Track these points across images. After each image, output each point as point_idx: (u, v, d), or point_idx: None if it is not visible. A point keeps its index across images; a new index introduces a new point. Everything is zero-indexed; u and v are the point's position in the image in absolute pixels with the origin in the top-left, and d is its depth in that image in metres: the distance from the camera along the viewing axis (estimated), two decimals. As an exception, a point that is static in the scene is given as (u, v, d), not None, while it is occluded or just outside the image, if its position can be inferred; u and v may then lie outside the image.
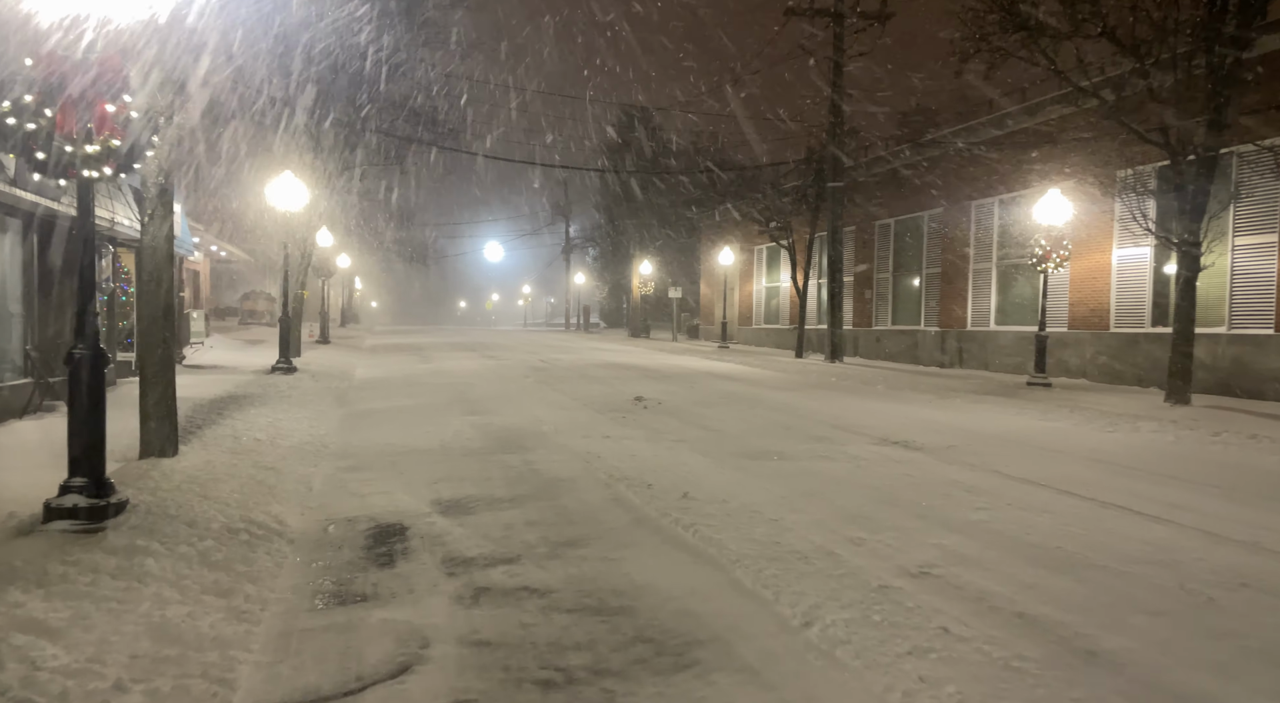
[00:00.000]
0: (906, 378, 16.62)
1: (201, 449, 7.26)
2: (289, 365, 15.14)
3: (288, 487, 6.38)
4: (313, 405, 11.26)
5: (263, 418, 9.53)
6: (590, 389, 13.63)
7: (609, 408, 11.16)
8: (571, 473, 6.99)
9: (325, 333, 26.79)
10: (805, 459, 7.50)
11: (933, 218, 21.36)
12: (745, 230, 31.39)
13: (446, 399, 12.32)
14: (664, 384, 14.66)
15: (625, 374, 16.72)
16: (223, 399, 10.86)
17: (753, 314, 32.01)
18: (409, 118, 19.43)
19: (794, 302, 27.99)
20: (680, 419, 10.15)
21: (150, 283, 6.68)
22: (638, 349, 27.72)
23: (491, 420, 10.09)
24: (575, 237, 54.49)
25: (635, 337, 39.31)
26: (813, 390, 14.14)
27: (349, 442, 8.69)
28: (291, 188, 15.02)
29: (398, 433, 9.20)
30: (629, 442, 8.48)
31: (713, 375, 16.95)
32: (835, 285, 22.06)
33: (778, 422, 10.04)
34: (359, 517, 5.71)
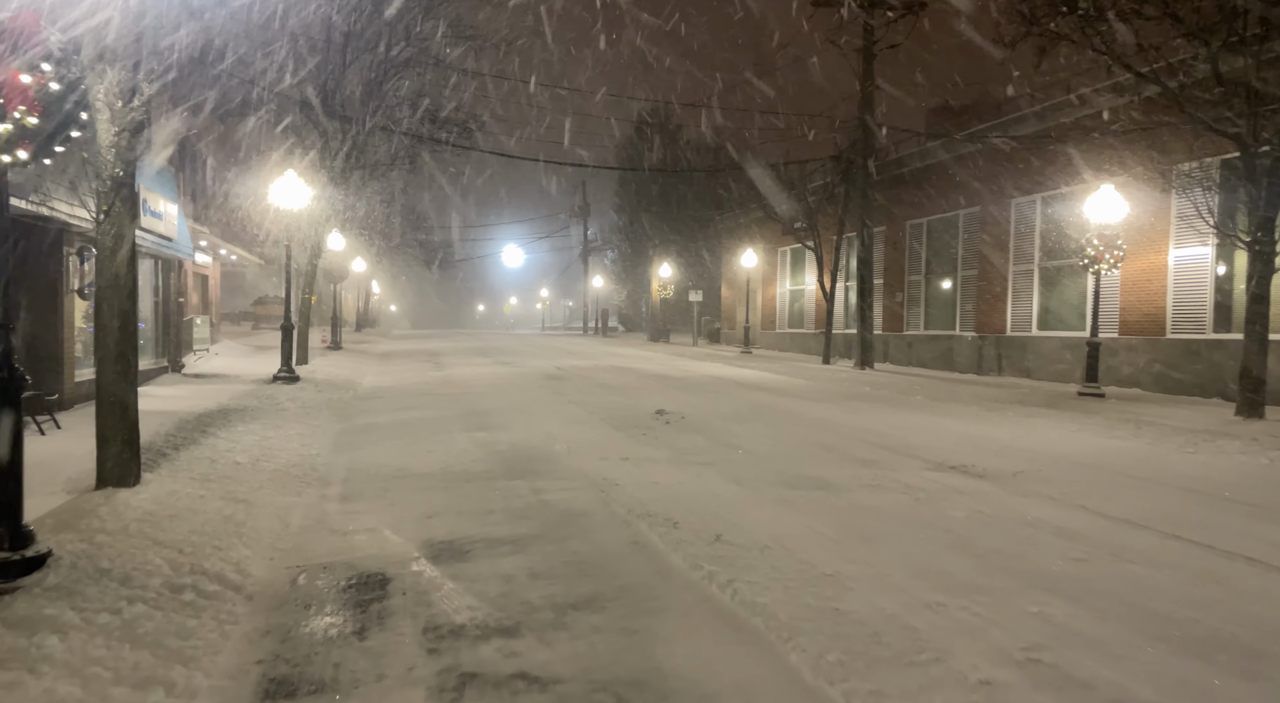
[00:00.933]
0: (945, 387, 15.59)
1: (169, 477, 6.44)
2: (291, 374, 14.38)
3: (260, 524, 5.53)
4: (309, 420, 10.45)
5: (250, 436, 8.72)
6: (608, 400, 12.74)
7: (628, 423, 10.27)
8: (585, 505, 6.10)
9: (337, 338, 26.11)
10: (854, 489, 6.55)
11: (969, 217, 20.30)
12: (768, 232, 30.42)
13: (454, 411, 11.48)
14: (687, 395, 13.74)
15: (645, 383, 15.82)
16: (212, 414, 10.08)
17: (776, 318, 31.00)
18: (422, 116, 18.66)
19: (820, 305, 26.99)
20: (707, 437, 9.23)
21: (109, 289, 5.87)
22: (657, 355, 26.82)
23: (500, 437, 9.22)
24: (593, 239, 53.71)
25: (655, 341, 38.42)
26: (847, 401, 13.16)
27: (341, 464, 7.86)
28: (294, 187, 14.27)
29: (396, 452, 8.36)
30: (651, 465, 7.57)
31: (738, 384, 16.01)
32: (865, 288, 21.06)
33: (816, 440, 9.09)
34: (336, 563, 4.86)
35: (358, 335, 39.32)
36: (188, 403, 11.06)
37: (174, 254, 13.92)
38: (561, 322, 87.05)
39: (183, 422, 9.27)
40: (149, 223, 12.26)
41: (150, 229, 12.38)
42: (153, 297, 14.34)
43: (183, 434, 8.46)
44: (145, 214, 12.04)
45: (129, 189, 5.89)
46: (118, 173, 5.78)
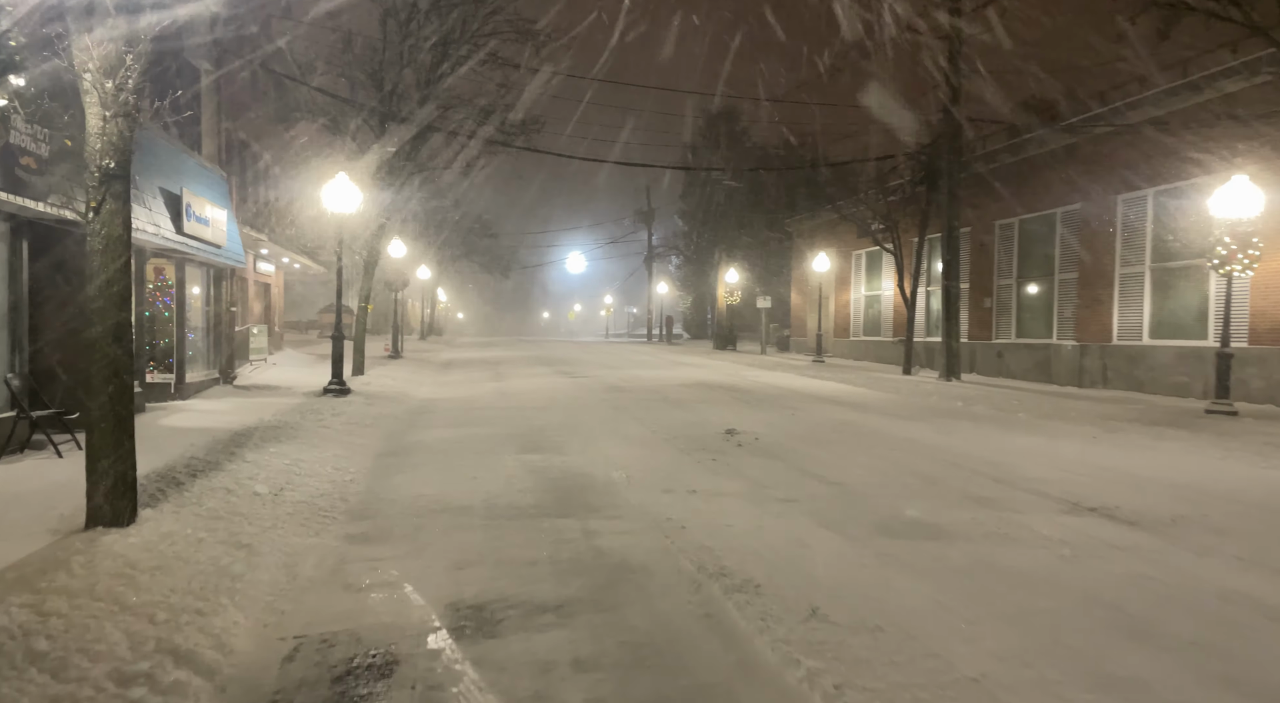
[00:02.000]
0: (1047, 402, 14.05)
1: (172, 514, 5.64)
2: (341, 387, 13.76)
3: (261, 577, 4.66)
4: (351, 438, 9.69)
5: (280, 459, 7.95)
6: (673, 417, 11.69)
7: (696, 445, 9.20)
8: (646, 556, 5.06)
9: (398, 347, 25.72)
10: (975, 540, 5.35)
11: (1068, 215, 18.61)
12: (842, 234, 28.97)
13: (507, 429, 10.60)
14: (759, 410, 12.59)
15: (713, 396, 14.72)
16: (248, 432, 9.40)
17: (850, 325, 29.48)
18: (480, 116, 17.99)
19: (899, 312, 25.44)
20: (786, 464, 8.09)
21: (101, 298, 5.10)
22: (724, 364, 25.66)
23: (553, 462, 8.26)
24: (658, 245, 52.80)
25: (720, 349, 37.21)
26: (940, 419, 11.82)
27: (375, 492, 7.01)
28: (346, 190, 13.66)
29: (438, 478, 7.48)
30: (722, 501, 6.49)
31: (814, 398, 14.77)
32: (950, 293, 19.52)
33: (913, 469, 7.86)
34: (340, 634, 3.94)
35: (421, 344, 39.21)
36: (228, 419, 10.44)
37: (224, 262, 13.46)
38: (625, 328, 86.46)
39: (214, 442, 8.59)
40: (195, 229, 11.76)
41: (196, 235, 11.89)
42: (204, 306, 13.91)
43: (209, 457, 7.74)
44: (190, 219, 11.54)
45: (122, 183, 5.12)
46: (108, 165, 5.01)
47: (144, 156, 10.45)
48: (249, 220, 19.12)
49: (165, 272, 12.70)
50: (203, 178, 12.80)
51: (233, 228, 14.18)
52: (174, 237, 10.99)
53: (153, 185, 10.53)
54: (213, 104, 13.93)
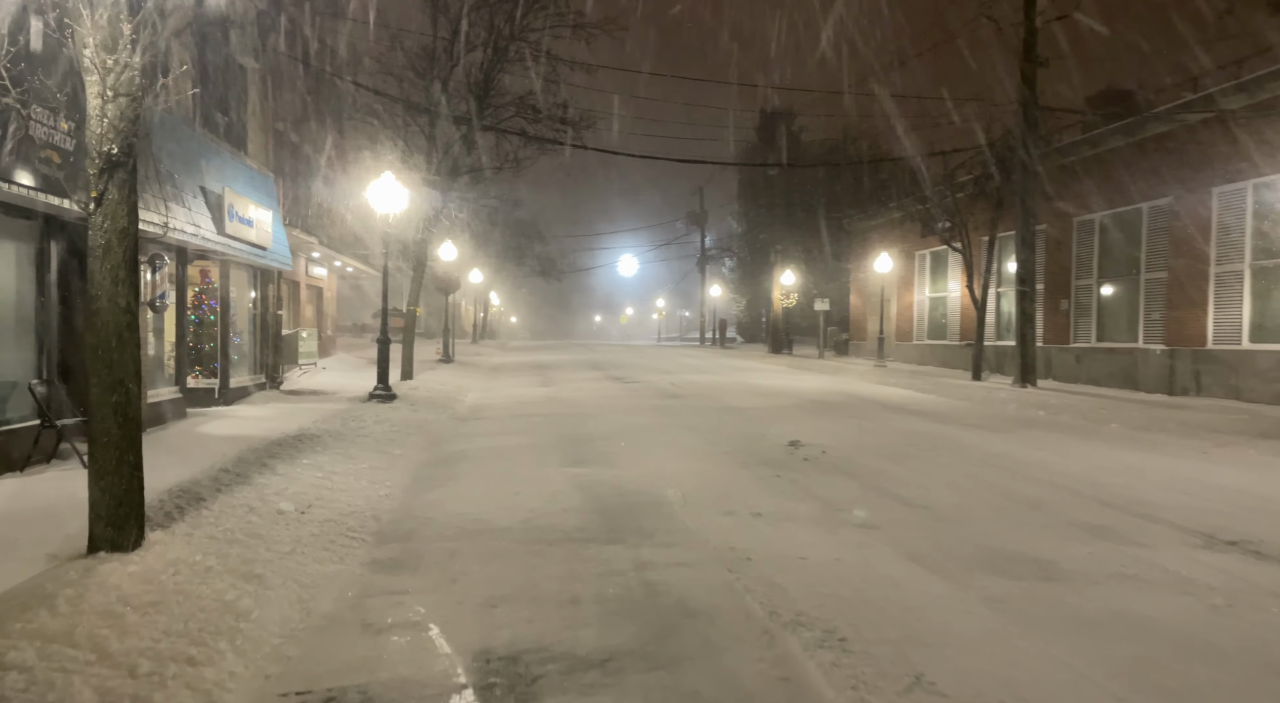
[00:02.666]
0: (1138, 411, 12.92)
1: (185, 536, 5.14)
2: (387, 392, 13.35)
3: (270, 614, 4.10)
4: (392, 447, 9.19)
5: (313, 471, 7.46)
6: (731, 426, 10.95)
7: (757, 458, 8.46)
8: (708, 596, 4.37)
9: (448, 351, 25.45)
10: (1100, 581, 4.52)
11: (1155, 211, 17.30)
12: (905, 234, 27.82)
13: (555, 438, 10.00)
14: (824, 419, 11.77)
15: (773, 403, 13.93)
16: (285, 440, 8.96)
17: (913, 328, 28.28)
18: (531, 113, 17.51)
19: (967, 314, 24.23)
20: (859, 482, 7.30)
21: (104, 299, 4.61)
22: (781, 369, 24.77)
23: (602, 476, 7.61)
24: (711, 247, 51.97)
25: (776, 353, 36.23)
26: (1024, 430, 10.85)
27: (409, 510, 6.45)
28: (392, 189, 13.26)
29: (478, 493, 6.90)
30: (792, 527, 5.75)
31: (882, 406, 13.86)
32: (1026, 294, 18.35)
33: (1008, 490, 7.00)
34: (349, 691, 3.34)
35: (473, 348, 39.09)
36: (266, 426, 10.06)
37: (269, 264, 13.17)
38: (678, 332, 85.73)
39: (248, 451, 8.16)
40: (237, 230, 11.45)
41: (239, 237, 11.58)
42: (249, 309, 13.66)
43: (238, 469, 7.28)
44: (232, 220, 11.23)
45: (127, 172, 4.62)
46: (110, 150, 4.51)
47: (184, 154, 10.15)
48: (300, 223, 18.97)
49: (210, 274, 12.45)
50: (247, 178, 12.53)
51: (279, 229, 13.90)
52: (215, 237, 10.67)
53: (193, 184, 10.23)
54: (260, 103, 13.68)
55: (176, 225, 9.32)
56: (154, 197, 8.84)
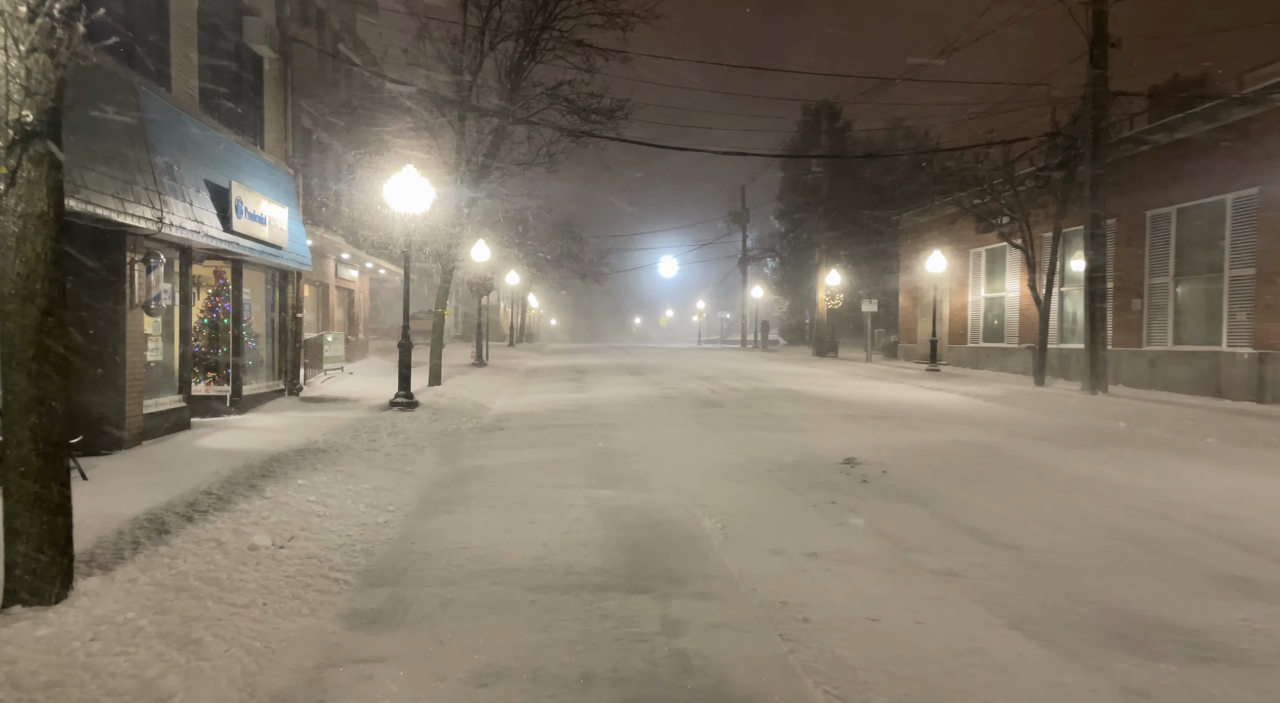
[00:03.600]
0: (1232, 423, 11.58)
1: (125, 583, 4.32)
2: (409, 400, 12.59)
3: (200, 698, 3.24)
4: (403, 463, 8.38)
5: (308, 492, 6.65)
6: (775, 440, 9.94)
7: (808, 480, 7.45)
8: (755, 678, 3.40)
9: (482, 355, 24.76)
10: (1273, 662, 3.45)
11: (1242, 201, 15.83)
12: (958, 231, 26.42)
13: (582, 452, 9.10)
14: (879, 432, 10.69)
15: (821, 412, 12.86)
16: (286, 456, 8.20)
17: (966, 331, 26.86)
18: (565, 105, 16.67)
19: (1026, 316, 22.82)
20: (930, 511, 6.26)
21: (17, 299, 3.81)
22: (828, 372, 23.60)
23: (630, 500, 6.68)
24: (752, 247, 50.75)
25: (821, 356, 34.96)
26: (1109, 447, 9.66)
27: (408, 542, 5.60)
28: (414, 186, 12.51)
29: (488, 521, 6.04)
30: (855, 572, 4.75)
31: (940, 415, 12.71)
32: (1095, 294, 17.00)
33: (1117, 526, 5.89)
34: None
35: (509, 351, 38.48)
36: (272, 438, 9.32)
37: (283, 264, 12.50)
38: (718, 334, 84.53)
39: (241, 468, 7.40)
40: (247, 227, 10.77)
41: (250, 234, 10.90)
42: (266, 313, 13.01)
43: (223, 490, 6.51)
44: (240, 216, 10.55)
45: (45, 143, 3.82)
46: (24, 117, 3.71)
47: (185, 145, 9.48)
48: (327, 223, 18.39)
49: (225, 274, 11.82)
50: (260, 172, 11.87)
51: (297, 228, 13.24)
52: (221, 235, 9.99)
53: (195, 177, 9.55)
54: (278, 95, 13.04)
55: (174, 221, 8.63)
56: (146, 189, 8.15)
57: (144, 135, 8.38)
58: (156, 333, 10.27)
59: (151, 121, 8.63)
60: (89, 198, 7.06)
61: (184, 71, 9.82)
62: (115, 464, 7.60)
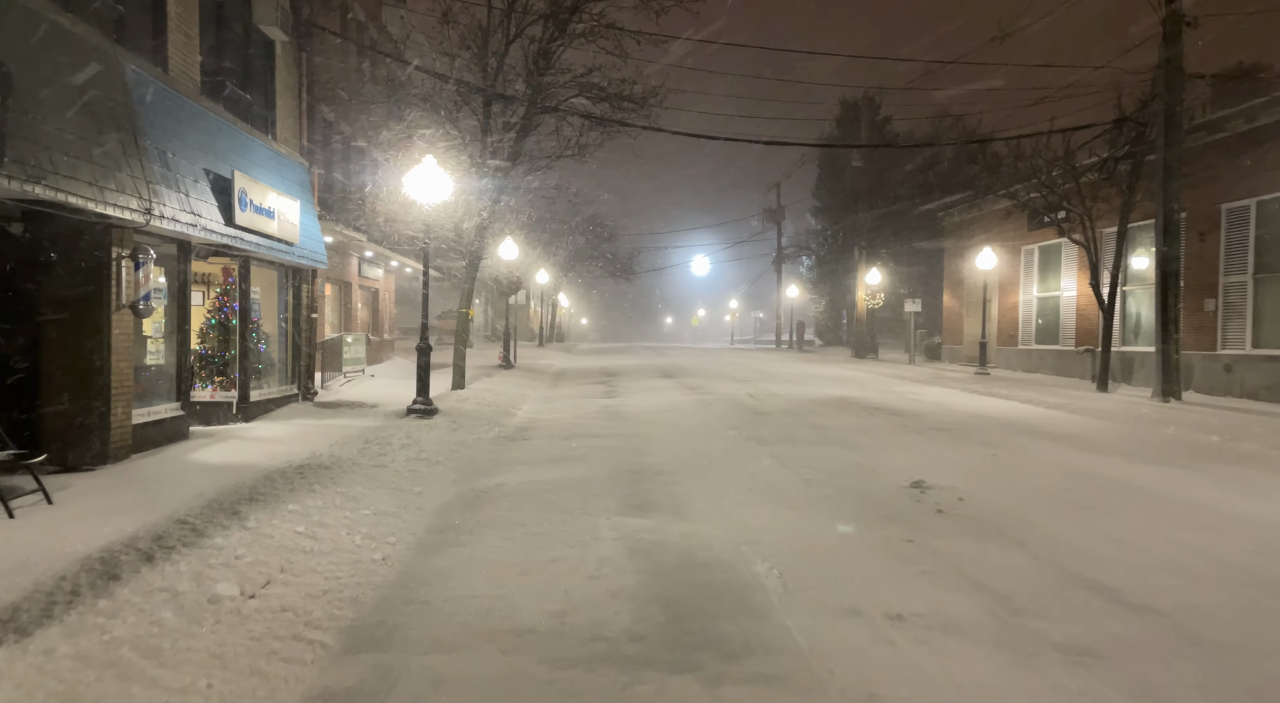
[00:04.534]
0: (1341, 438, 10.31)
1: (41, 653, 3.47)
2: (427, 406, 11.76)
3: None
4: (411, 482, 7.51)
5: (298, 521, 5.80)
6: (829, 456, 8.93)
7: (874, 508, 6.44)
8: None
9: (510, 356, 23.96)
10: None
11: (1336, 190, 14.45)
12: (1008, 227, 25.09)
13: (611, 469, 8.17)
14: (943, 445, 9.63)
15: (873, 422, 11.80)
16: (285, 472, 7.37)
17: (1017, 332, 25.50)
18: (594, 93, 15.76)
19: (1084, 316, 21.50)
20: (1030, 553, 5.23)
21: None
22: (870, 376, 22.44)
23: (668, 533, 5.74)
24: (787, 245, 49.50)
25: (860, 358, 33.71)
26: (1212, 465, 8.51)
27: (405, 588, 4.72)
28: (434, 177, 11.68)
29: (502, 558, 5.17)
30: (957, 648, 3.75)
31: (1006, 426, 11.58)
32: (1168, 292, 15.71)
33: (1268, 577, 4.81)
34: None
35: (538, 351, 37.73)
36: (274, 450, 8.52)
37: (295, 261, 11.73)
38: (752, 334, 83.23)
39: (229, 490, 6.58)
40: (253, 221, 10.00)
41: (256, 229, 10.13)
42: (278, 313, 12.26)
43: (200, 519, 5.67)
44: (246, 209, 9.78)
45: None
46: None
47: (182, 131, 8.71)
48: (348, 219, 17.68)
49: (235, 272, 11.08)
50: (269, 163, 11.11)
51: (311, 223, 12.48)
52: (222, 229, 9.22)
53: (193, 166, 8.77)
54: (291, 81, 12.28)
55: (166, 213, 7.84)
56: (133, 177, 7.37)
57: (132, 118, 7.61)
58: (157, 336, 9.54)
59: (142, 104, 7.86)
60: (59, 185, 6.28)
61: (183, 51, 9.06)
62: (92, 483, 6.82)
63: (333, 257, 18.83)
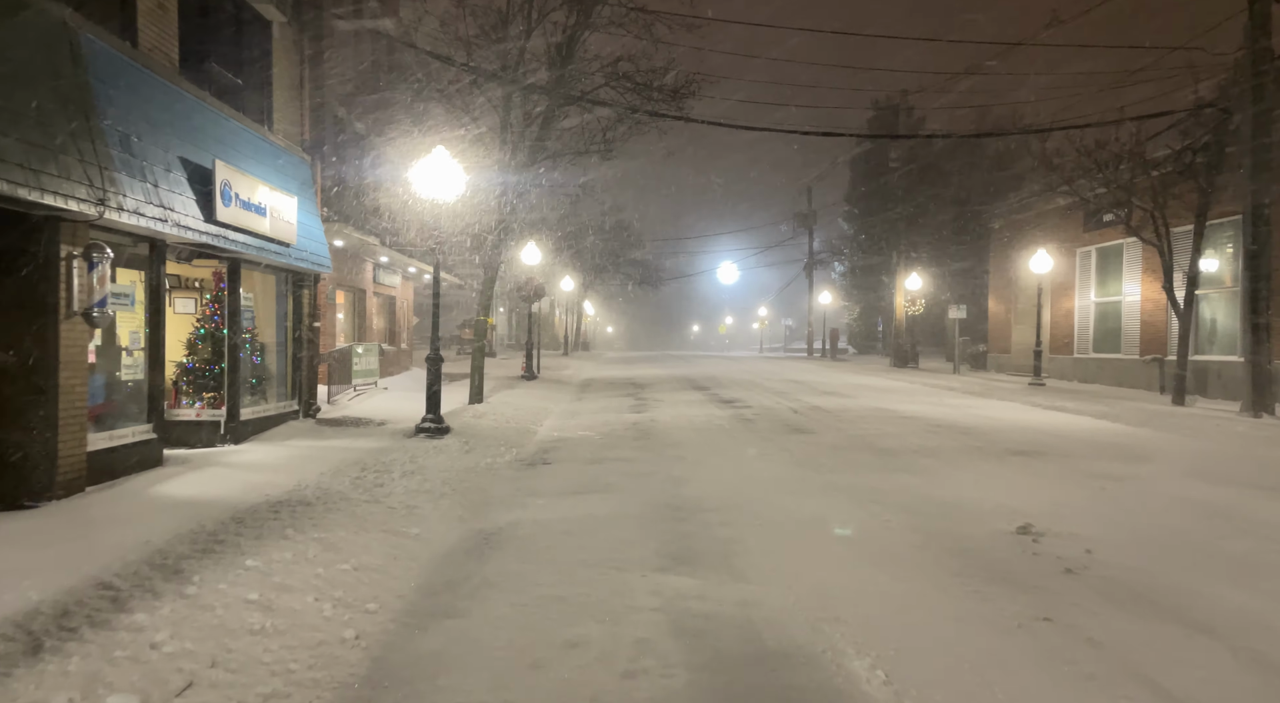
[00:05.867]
0: None
1: None
2: (437, 425, 10.59)
3: None
4: (408, 521, 6.30)
5: (254, 582, 4.59)
6: (902, 488, 7.58)
7: (982, 567, 5.11)
8: None
9: (532, 366, 22.78)
10: None
11: None
12: (1062, 227, 23.57)
13: (644, 503, 6.91)
14: (1036, 475, 8.24)
15: (940, 443, 10.42)
16: (259, 510, 6.19)
17: (1072, 340, 23.89)
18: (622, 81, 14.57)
19: (1149, 323, 19.92)
20: (1221, 640, 3.88)
21: None
22: (916, 386, 20.96)
23: (721, 602, 4.46)
24: (819, 250, 47.98)
25: (900, 366, 32.14)
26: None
27: (378, 683, 3.50)
28: (445, 170, 10.53)
29: (508, 642, 3.94)
30: None
31: (1092, 447, 10.14)
32: (1258, 295, 14.19)
33: None
34: None
35: (563, 360, 36.59)
36: (255, 480, 7.36)
37: (292, 264, 10.61)
38: (781, 342, 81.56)
39: (184, 535, 5.40)
40: (239, 218, 8.88)
41: (243, 227, 9.01)
42: (278, 322, 11.16)
43: (131, 580, 4.49)
44: (230, 204, 8.66)
45: None
46: None
47: (153, 113, 7.61)
48: (360, 222, 16.63)
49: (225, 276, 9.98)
50: (261, 155, 10.01)
51: (311, 222, 11.37)
52: (202, 226, 8.10)
53: (164, 153, 7.65)
54: (291, 68, 11.20)
55: (126, 205, 6.72)
56: (83, 162, 6.26)
57: (86, 94, 6.51)
58: (135, 347, 8.45)
59: (101, 79, 6.77)
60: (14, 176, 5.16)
61: (156, 24, 7.97)
62: (25, 526, 5.68)
63: (345, 262, 17.78)
